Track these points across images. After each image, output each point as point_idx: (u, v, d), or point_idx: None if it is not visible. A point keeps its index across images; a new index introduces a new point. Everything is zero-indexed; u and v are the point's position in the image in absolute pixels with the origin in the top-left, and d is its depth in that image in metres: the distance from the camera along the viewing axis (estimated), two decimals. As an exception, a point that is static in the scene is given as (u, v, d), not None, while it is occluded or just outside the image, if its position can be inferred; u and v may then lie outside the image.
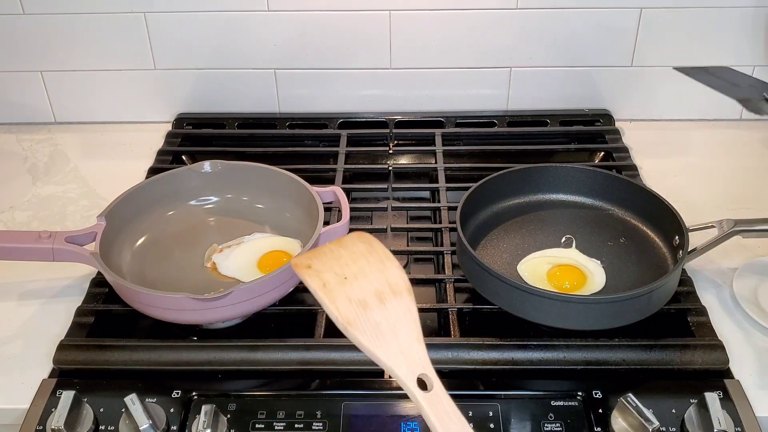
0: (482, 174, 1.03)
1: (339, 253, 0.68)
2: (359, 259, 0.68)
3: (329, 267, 0.67)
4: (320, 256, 0.68)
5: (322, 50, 1.30)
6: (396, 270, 0.68)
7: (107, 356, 0.86)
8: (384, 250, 0.69)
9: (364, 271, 0.67)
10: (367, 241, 0.70)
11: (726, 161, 1.26)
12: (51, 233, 0.93)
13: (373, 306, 0.65)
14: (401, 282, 0.67)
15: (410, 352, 0.63)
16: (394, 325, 0.64)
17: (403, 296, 0.66)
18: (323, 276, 0.66)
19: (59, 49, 1.30)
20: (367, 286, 0.66)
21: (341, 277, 0.66)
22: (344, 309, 0.64)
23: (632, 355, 0.85)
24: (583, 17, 1.26)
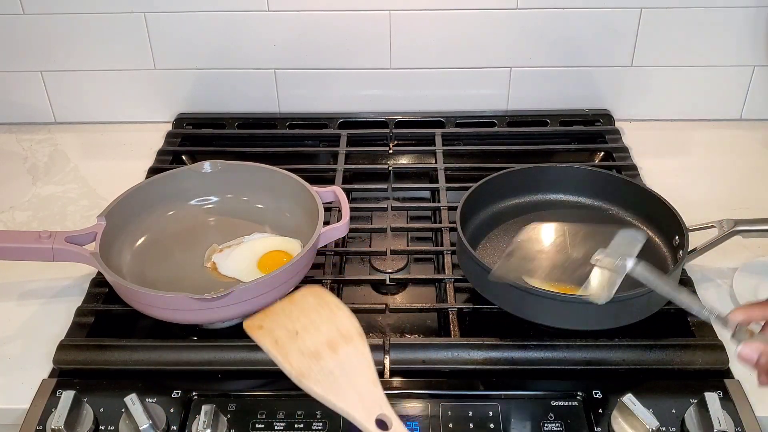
0: (482, 174, 1.03)
1: (290, 310, 0.71)
2: (310, 312, 0.71)
3: (280, 324, 0.70)
4: (271, 315, 0.71)
5: (322, 50, 1.30)
6: (346, 317, 0.70)
7: (107, 356, 0.86)
8: (334, 300, 0.72)
9: (315, 323, 0.70)
10: (317, 294, 0.73)
11: (726, 161, 1.26)
12: (51, 233, 0.93)
13: (325, 355, 0.68)
14: (352, 328, 0.70)
15: (367, 396, 0.66)
16: (349, 371, 0.67)
17: (354, 342, 0.69)
18: (275, 333, 0.69)
19: (59, 49, 1.30)
20: (318, 337, 0.68)
21: (293, 332, 0.69)
22: (297, 362, 0.67)
23: (632, 355, 0.85)
24: (583, 17, 1.26)
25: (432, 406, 0.81)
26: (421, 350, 0.86)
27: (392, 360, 0.85)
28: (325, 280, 0.97)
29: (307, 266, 0.93)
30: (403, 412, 0.80)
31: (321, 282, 0.97)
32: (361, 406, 0.65)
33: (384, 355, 0.86)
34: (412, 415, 0.80)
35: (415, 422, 0.79)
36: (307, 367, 0.67)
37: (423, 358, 0.85)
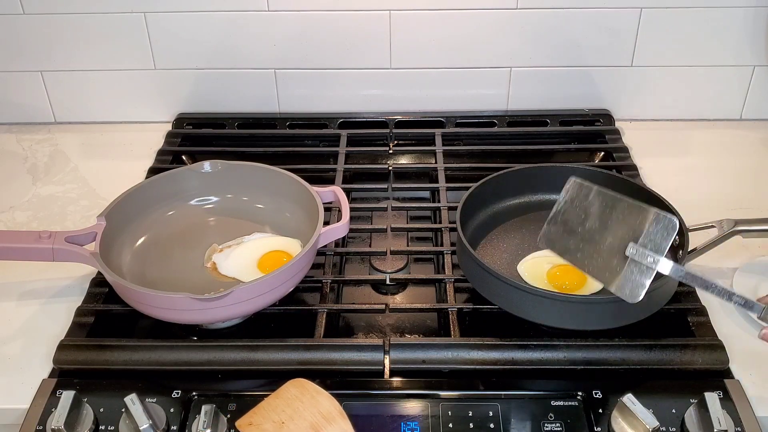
0: (482, 174, 1.03)
1: (275, 404, 0.78)
2: (293, 402, 0.78)
3: (268, 418, 0.77)
4: (259, 412, 0.78)
5: (322, 50, 1.30)
6: (326, 401, 0.77)
7: (107, 356, 0.86)
8: (314, 388, 0.79)
9: (298, 411, 0.77)
10: (299, 385, 0.80)
11: (726, 161, 1.26)
12: (51, 233, 0.93)
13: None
14: (332, 409, 0.77)
15: None
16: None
17: (336, 421, 0.75)
18: (263, 427, 0.76)
19: (59, 49, 1.30)
20: (302, 423, 0.75)
21: (279, 423, 0.76)
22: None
23: (632, 355, 0.85)
24: (583, 17, 1.26)
25: (432, 406, 0.81)
26: (421, 350, 0.86)
27: (392, 360, 0.85)
28: (325, 280, 0.97)
29: (307, 266, 0.93)
30: (403, 412, 0.80)
31: (321, 282, 0.97)
32: None
33: (384, 355, 0.86)
34: (412, 415, 0.80)
35: (415, 422, 0.79)
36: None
37: (423, 358, 0.85)
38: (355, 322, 0.96)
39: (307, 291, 0.98)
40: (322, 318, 0.91)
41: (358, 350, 0.86)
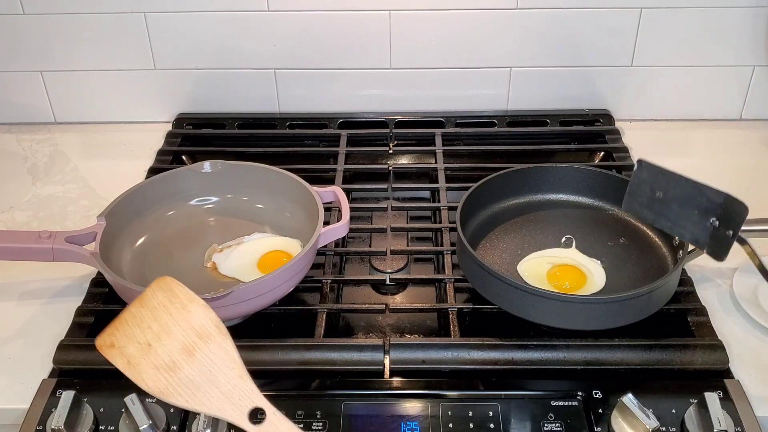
0: (482, 174, 1.03)
1: (141, 315, 0.67)
2: (161, 314, 0.67)
3: (131, 337, 0.66)
4: (122, 327, 0.68)
5: (322, 50, 1.30)
6: (201, 312, 0.67)
7: (107, 356, 0.86)
8: (186, 293, 0.68)
9: (167, 327, 0.66)
10: (166, 288, 0.68)
11: (726, 161, 1.26)
12: (51, 233, 0.93)
13: (182, 363, 0.65)
14: (208, 324, 0.66)
15: (234, 392, 0.65)
16: (210, 372, 0.65)
17: (213, 338, 0.66)
18: (126, 351, 0.66)
19: (59, 49, 1.30)
20: (172, 344, 0.65)
21: (145, 344, 0.66)
22: (153, 381, 0.65)
23: (632, 355, 0.85)
24: (583, 17, 1.26)
25: (432, 406, 0.81)
26: (421, 350, 0.86)
27: (392, 360, 0.85)
28: (325, 280, 0.97)
29: (307, 266, 0.93)
30: (403, 412, 0.80)
31: (321, 282, 0.97)
32: (230, 405, 0.64)
33: (384, 355, 0.86)
34: (412, 415, 0.80)
35: (415, 422, 0.79)
36: (164, 383, 0.65)
37: (423, 358, 0.85)
38: (355, 322, 0.96)
39: (307, 291, 0.99)
40: (322, 318, 0.91)
41: (358, 350, 0.86)
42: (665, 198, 0.90)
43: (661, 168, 0.91)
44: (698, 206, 0.87)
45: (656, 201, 0.91)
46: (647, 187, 0.91)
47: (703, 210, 0.86)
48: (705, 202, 0.86)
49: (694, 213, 0.87)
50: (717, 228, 0.85)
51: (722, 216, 0.84)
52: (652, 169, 0.91)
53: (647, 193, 0.91)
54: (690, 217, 0.88)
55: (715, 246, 0.86)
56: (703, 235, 0.87)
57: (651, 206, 0.92)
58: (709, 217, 0.86)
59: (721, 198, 0.85)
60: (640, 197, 0.92)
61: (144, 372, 0.65)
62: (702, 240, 0.87)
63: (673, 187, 0.89)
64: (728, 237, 0.83)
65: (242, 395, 0.64)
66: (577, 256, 0.97)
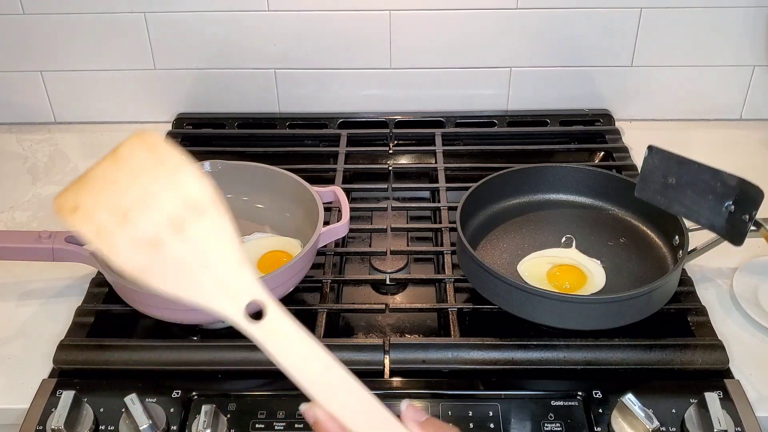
0: (482, 174, 1.03)
1: (115, 176, 0.52)
2: (142, 176, 0.51)
3: (104, 201, 0.51)
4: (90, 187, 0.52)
5: (322, 50, 1.30)
6: (194, 180, 0.51)
7: (107, 356, 0.86)
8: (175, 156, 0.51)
9: (150, 192, 0.50)
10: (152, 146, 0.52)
11: (726, 161, 1.24)
12: (51, 233, 0.93)
13: (169, 239, 0.50)
14: (202, 195, 0.51)
15: (231, 281, 0.51)
16: (203, 254, 0.50)
17: (208, 213, 0.51)
18: (97, 218, 0.50)
19: (59, 49, 1.30)
20: (157, 215, 0.50)
21: (120, 213, 0.50)
22: (130, 258, 0.49)
23: (632, 355, 0.85)
24: (583, 17, 1.26)
25: (432, 406, 0.81)
26: (421, 350, 0.86)
27: (392, 360, 0.85)
28: (325, 280, 0.97)
29: (307, 266, 0.93)
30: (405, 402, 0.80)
31: (321, 282, 0.97)
32: (223, 296, 0.50)
33: (384, 355, 0.86)
34: (412, 414, 0.80)
35: (415, 422, 0.79)
36: (145, 261, 0.49)
37: (423, 358, 0.85)
38: (355, 322, 0.96)
39: (307, 291, 0.98)
40: (322, 318, 0.91)
41: (358, 350, 0.86)
42: (678, 184, 0.90)
43: (673, 154, 0.91)
44: (713, 191, 0.87)
45: (669, 187, 0.91)
46: (659, 173, 0.92)
47: (718, 195, 0.86)
48: (720, 187, 0.86)
49: (709, 198, 0.87)
50: (733, 212, 0.85)
51: (738, 201, 0.85)
52: (664, 155, 0.91)
53: (659, 179, 0.92)
54: (705, 202, 0.88)
55: (732, 231, 0.86)
56: (719, 220, 0.87)
57: (664, 192, 0.92)
58: (725, 202, 0.86)
59: (735, 182, 0.85)
60: (652, 183, 0.93)
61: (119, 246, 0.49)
62: (718, 225, 0.87)
63: (687, 173, 0.89)
64: (745, 221, 0.83)
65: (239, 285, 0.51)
66: (577, 256, 0.97)
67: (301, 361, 0.51)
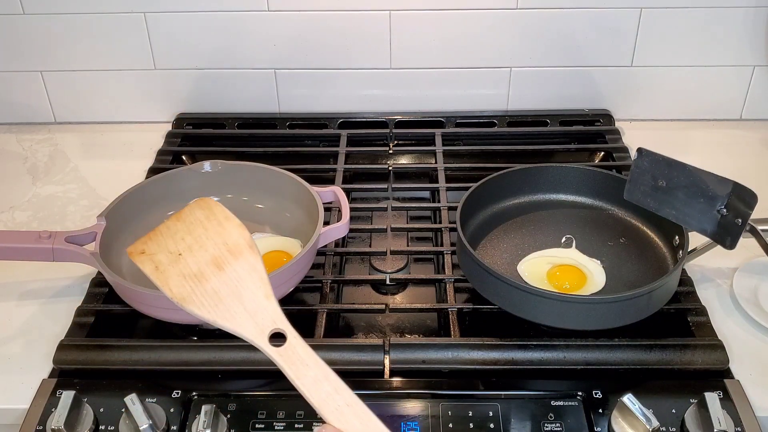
0: (482, 174, 1.03)
1: (175, 228, 0.67)
2: (196, 228, 0.67)
3: (163, 247, 0.66)
4: (155, 238, 0.67)
5: (322, 50, 1.30)
6: (235, 230, 0.66)
7: (107, 356, 0.86)
8: (223, 212, 0.68)
9: (200, 240, 0.66)
10: (206, 206, 0.69)
11: (726, 161, 1.26)
12: (51, 233, 0.93)
13: (210, 275, 0.64)
14: (241, 241, 0.66)
15: (258, 311, 0.63)
16: (236, 287, 0.64)
17: (244, 256, 0.65)
18: (156, 258, 0.66)
19: (59, 49, 1.30)
20: (203, 256, 0.65)
21: (175, 254, 0.65)
22: (177, 287, 0.64)
23: (632, 355, 0.85)
24: (583, 17, 1.26)
25: (432, 406, 0.81)
26: (421, 350, 0.86)
27: (392, 360, 0.85)
28: (325, 280, 0.97)
29: (307, 266, 0.93)
30: (403, 412, 0.80)
31: (321, 282, 0.97)
32: (252, 323, 0.62)
33: (384, 355, 0.86)
34: (412, 415, 0.80)
35: (415, 422, 0.79)
36: (189, 290, 0.63)
37: (423, 358, 0.85)
38: (355, 322, 0.96)
39: (307, 291, 0.99)
40: (322, 318, 0.91)
41: (358, 350, 0.86)
42: (669, 186, 0.90)
43: (663, 156, 0.91)
44: (704, 194, 0.87)
45: (659, 190, 0.91)
46: (649, 175, 0.92)
47: (709, 198, 0.86)
48: (711, 191, 0.86)
49: (700, 201, 0.87)
50: (725, 216, 0.85)
51: (730, 204, 0.84)
52: (654, 158, 0.91)
53: (649, 181, 0.92)
54: (695, 205, 0.88)
55: (723, 234, 0.86)
56: (710, 223, 0.87)
57: (654, 195, 0.92)
58: (716, 206, 0.85)
59: (729, 186, 0.85)
60: (642, 186, 0.93)
61: (170, 278, 0.65)
62: (709, 228, 0.87)
63: (677, 176, 0.89)
64: (738, 225, 0.83)
65: (265, 315, 0.63)
66: (577, 256, 0.97)
67: (314, 382, 0.58)
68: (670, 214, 0.91)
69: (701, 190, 0.87)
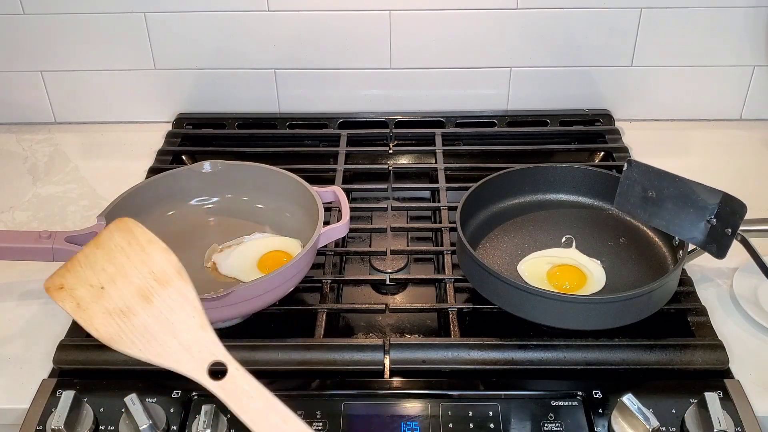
0: (482, 174, 1.03)
1: (94, 257, 0.62)
2: (117, 256, 0.62)
3: (83, 279, 0.61)
4: (73, 269, 0.63)
5: (322, 50, 1.30)
6: (160, 255, 0.61)
7: (107, 356, 0.86)
8: (145, 235, 0.63)
9: (123, 269, 0.61)
10: (125, 229, 0.63)
11: (726, 161, 1.26)
12: (51, 233, 0.93)
13: (137, 309, 0.60)
14: (168, 267, 0.61)
15: (194, 344, 0.59)
16: (168, 320, 0.59)
17: (172, 284, 0.60)
18: (77, 293, 0.61)
19: (59, 49, 1.30)
20: (127, 289, 0.60)
21: (97, 287, 0.61)
22: (103, 326, 0.60)
23: (632, 355, 0.85)
24: (583, 17, 1.26)
25: (432, 406, 0.81)
26: (421, 350, 0.86)
27: (392, 360, 0.85)
28: (325, 280, 0.97)
29: (307, 266, 0.93)
30: (403, 412, 0.80)
31: (321, 282, 0.97)
32: (188, 358, 0.58)
33: (384, 355, 0.86)
34: (412, 415, 0.80)
35: (415, 422, 0.79)
36: (116, 329, 0.59)
37: (423, 358, 0.85)
38: (355, 322, 0.96)
39: (307, 291, 0.99)
40: (322, 318, 0.91)
41: (358, 350, 0.86)
42: (658, 197, 0.90)
43: (652, 167, 0.91)
44: (693, 205, 0.87)
45: (649, 200, 0.91)
46: (639, 186, 0.92)
47: (699, 208, 0.87)
48: (701, 201, 0.86)
49: (690, 212, 0.87)
50: (714, 226, 0.85)
51: (720, 214, 0.85)
52: (643, 169, 0.92)
53: (639, 192, 0.92)
54: (686, 215, 0.88)
55: (713, 244, 0.86)
56: (701, 233, 0.87)
57: (644, 206, 0.92)
58: (706, 216, 0.86)
59: (718, 197, 0.85)
60: (631, 197, 0.93)
61: (94, 317, 0.60)
62: (699, 238, 0.87)
63: (667, 187, 0.90)
64: (728, 235, 0.83)
65: (202, 347, 0.58)
66: (577, 256, 0.97)
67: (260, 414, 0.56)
68: (661, 224, 0.91)
69: (691, 201, 0.87)
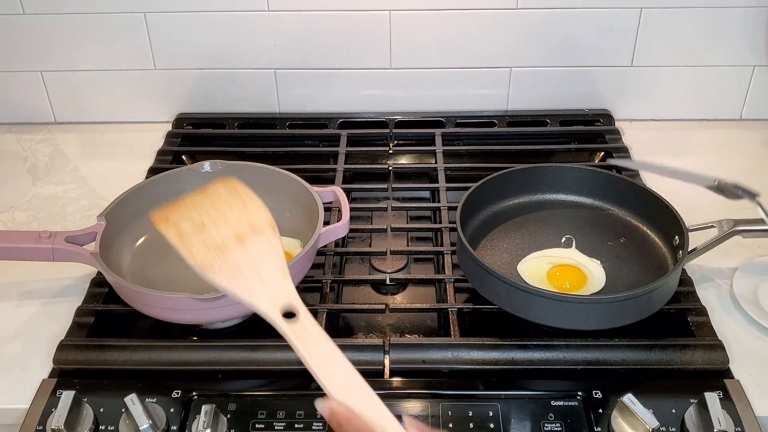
0: (482, 174, 1.03)
1: (200, 202, 0.69)
2: (221, 205, 0.68)
3: (187, 216, 0.68)
4: (180, 208, 0.69)
5: (322, 50, 1.30)
6: (258, 209, 0.68)
7: (107, 356, 0.86)
8: (247, 193, 0.70)
9: (224, 215, 0.67)
10: (230, 186, 0.71)
11: (726, 161, 1.26)
12: (51, 233, 0.93)
13: (231, 248, 0.65)
14: (263, 220, 0.67)
15: (274, 287, 0.64)
16: (256, 263, 0.65)
17: (264, 234, 0.66)
18: (180, 226, 0.67)
19: (59, 49, 1.30)
20: (226, 230, 0.66)
21: (199, 224, 0.67)
22: (200, 255, 0.65)
23: (632, 355, 0.85)
24: (583, 17, 1.26)
25: (432, 406, 0.81)
26: (421, 350, 0.86)
27: (392, 360, 0.85)
28: (325, 280, 0.97)
29: (307, 266, 0.93)
30: (403, 412, 0.80)
31: (321, 282, 0.97)
32: (266, 297, 0.63)
33: (384, 355, 0.86)
34: (412, 415, 0.80)
35: (415, 422, 0.79)
36: (210, 260, 0.65)
37: (423, 358, 0.85)
38: (355, 322, 0.96)
39: (307, 291, 0.98)
40: (322, 318, 0.91)
41: (358, 350, 0.86)
42: None
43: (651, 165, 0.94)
44: None
45: None
46: None
47: None
48: None
49: None
50: (723, 184, 0.92)
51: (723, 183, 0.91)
52: None
53: None
54: None
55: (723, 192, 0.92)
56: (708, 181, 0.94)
57: None
58: None
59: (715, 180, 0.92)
60: None
61: (193, 246, 0.66)
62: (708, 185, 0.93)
63: None
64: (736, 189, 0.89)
65: (281, 291, 0.63)
66: (577, 256, 0.97)
67: (321, 359, 0.59)
68: None
69: None
